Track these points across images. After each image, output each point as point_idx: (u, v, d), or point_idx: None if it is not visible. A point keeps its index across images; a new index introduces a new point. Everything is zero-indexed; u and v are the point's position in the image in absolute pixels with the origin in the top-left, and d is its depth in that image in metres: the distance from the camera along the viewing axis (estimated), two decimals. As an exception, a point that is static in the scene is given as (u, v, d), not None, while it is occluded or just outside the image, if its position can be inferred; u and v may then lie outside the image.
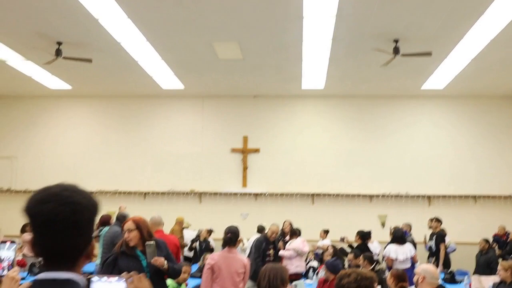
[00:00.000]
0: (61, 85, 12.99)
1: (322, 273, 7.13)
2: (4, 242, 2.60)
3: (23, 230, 11.11)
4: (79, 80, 12.61)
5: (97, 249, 8.20)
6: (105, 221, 8.08)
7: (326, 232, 11.79)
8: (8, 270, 2.51)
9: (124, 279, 1.90)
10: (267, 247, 7.28)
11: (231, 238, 5.79)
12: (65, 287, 1.57)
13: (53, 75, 12.15)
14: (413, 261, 8.51)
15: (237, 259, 5.74)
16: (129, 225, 4.67)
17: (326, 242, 10.87)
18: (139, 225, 4.62)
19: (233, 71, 11.80)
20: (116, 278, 1.88)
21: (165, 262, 4.36)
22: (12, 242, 2.67)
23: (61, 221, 1.58)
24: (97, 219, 6.82)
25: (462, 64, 10.85)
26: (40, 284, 1.60)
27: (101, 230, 7.72)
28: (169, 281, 5.66)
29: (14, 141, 14.09)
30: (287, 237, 9.51)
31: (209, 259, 5.64)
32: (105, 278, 1.85)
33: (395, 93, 13.44)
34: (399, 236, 8.59)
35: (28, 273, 8.54)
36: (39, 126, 14.16)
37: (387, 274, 5.39)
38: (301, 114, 14.03)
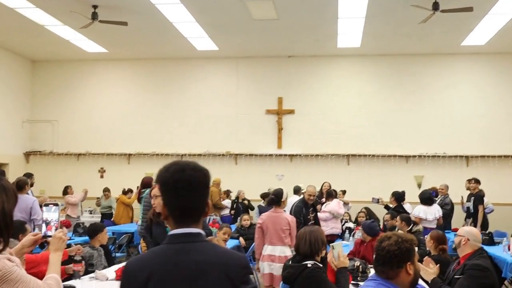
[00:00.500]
0: (97, 49, 13.14)
1: (358, 234, 7.17)
2: (47, 204, 2.69)
3: (65, 193, 11.48)
4: (115, 43, 12.72)
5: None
6: (147, 183, 8.19)
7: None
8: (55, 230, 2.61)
9: None
10: (307, 212, 7.22)
11: (274, 199, 6.28)
12: (197, 239, 1.90)
13: (89, 39, 12.29)
14: (438, 223, 8.70)
15: (282, 217, 6.19)
16: (154, 191, 4.67)
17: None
18: None
19: (268, 31, 11.68)
20: None
21: None
22: (56, 204, 2.76)
23: (197, 184, 1.94)
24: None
25: (505, 19, 10.44)
26: (177, 237, 1.90)
27: (142, 193, 7.88)
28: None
29: (55, 105, 14.43)
30: (323, 199, 9.54)
31: (259, 219, 6.18)
32: None
33: (434, 50, 13.08)
34: (427, 198, 8.82)
35: (73, 233, 8.84)
36: (77, 90, 14.43)
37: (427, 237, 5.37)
38: (336, 74, 13.85)
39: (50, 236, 2.63)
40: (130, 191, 12.27)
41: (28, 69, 14.45)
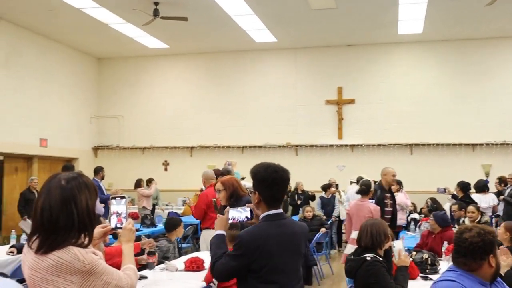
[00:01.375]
0: (159, 44, 13.47)
1: (425, 225, 7.01)
2: (115, 197, 2.78)
3: (137, 185, 11.81)
4: (176, 38, 12.99)
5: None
6: (218, 175, 8.32)
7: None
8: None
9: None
10: (383, 195, 7.04)
11: (364, 189, 6.74)
12: (284, 216, 2.93)
13: (151, 35, 12.61)
14: (494, 210, 8.93)
15: (366, 206, 6.60)
16: (217, 186, 4.98)
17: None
18: (226, 185, 4.82)
19: (326, 21, 11.57)
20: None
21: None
22: (123, 197, 2.84)
23: (286, 181, 2.94)
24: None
25: None
26: (273, 216, 2.84)
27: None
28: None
29: (120, 101, 14.92)
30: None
31: (348, 207, 6.71)
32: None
33: (500, 34, 12.52)
34: (482, 186, 9.22)
35: (141, 225, 9.14)
36: (141, 85, 14.85)
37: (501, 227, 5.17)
38: (397, 61, 13.54)
39: (120, 228, 2.73)
40: None
41: (94, 66, 15.01)
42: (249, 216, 3.00)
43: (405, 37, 12.83)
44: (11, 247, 6.01)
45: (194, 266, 4.77)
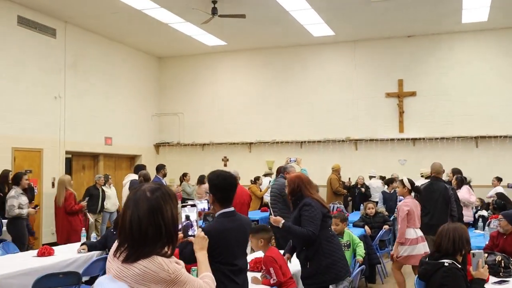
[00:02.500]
0: (217, 42, 13.61)
1: (494, 223, 6.74)
2: (184, 206, 2.82)
3: (201, 182, 11.95)
4: (234, 35, 13.08)
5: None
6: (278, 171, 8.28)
7: (499, 179, 11.04)
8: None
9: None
10: None
11: (418, 187, 6.77)
12: (233, 213, 3.52)
13: (209, 33, 12.76)
14: None
15: (417, 203, 6.60)
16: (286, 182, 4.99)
17: (499, 189, 10.22)
18: (289, 182, 4.71)
19: (386, 12, 11.32)
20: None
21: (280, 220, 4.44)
22: (193, 205, 2.88)
23: (233, 185, 3.56)
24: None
25: None
26: (226, 214, 3.48)
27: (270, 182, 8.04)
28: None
29: (180, 99, 15.22)
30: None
31: (404, 205, 6.38)
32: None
33: None
34: None
35: (203, 222, 9.26)
36: (200, 83, 15.08)
37: None
38: (460, 51, 13.06)
39: (193, 236, 2.77)
40: (257, 178, 12.62)
41: (155, 66, 15.37)
42: (206, 208, 3.60)
43: (469, 26, 12.36)
44: (82, 244, 6.26)
45: (259, 266, 4.80)
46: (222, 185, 3.45)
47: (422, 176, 10.20)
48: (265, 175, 12.77)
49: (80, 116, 12.25)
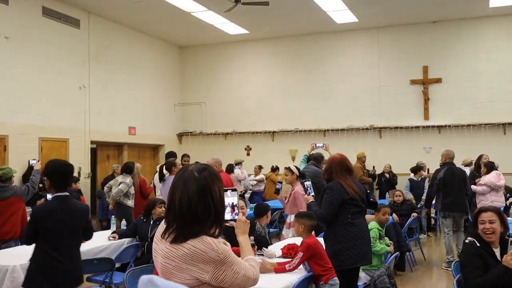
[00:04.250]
0: (239, 30, 13.55)
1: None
2: (226, 189, 2.81)
3: (230, 171, 11.84)
4: (256, 23, 13.00)
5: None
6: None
7: None
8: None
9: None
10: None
11: (304, 173, 6.96)
12: (67, 197, 4.03)
13: (231, 21, 12.70)
14: None
15: None
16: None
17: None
18: (327, 164, 4.71)
19: (411, -2, 11.14)
20: None
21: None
22: (234, 189, 2.86)
23: (68, 172, 4.18)
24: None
25: None
26: (60, 197, 3.98)
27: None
28: (372, 224, 5.76)
29: (202, 88, 15.22)
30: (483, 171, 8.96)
31: (301, 191, 6.43)
32: None
33: None
34: None
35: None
36: (223, 72, 15.04)
37: None
38: (488, 36, 12.80)
39: (234, 220, 2.75)
40: (278, 168, 12.61)
41: (177, 55, 15.38)
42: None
43: (497, 10, 12.09)
44: (113, 232, 6.30)
45: (292, 252, 4.77)
46: (56, 172, 3.95)
47: (462, 164, 10.26)
48: (236, 163, 12.54)
49: (104, 106, 12.33)
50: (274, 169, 12.70)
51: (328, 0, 11.19)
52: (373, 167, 12.91)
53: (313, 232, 4.63)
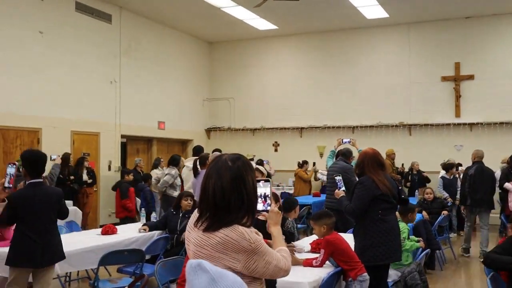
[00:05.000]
0: (268, 26, 13.54)
1: None
2: (258, 180, 2.81)
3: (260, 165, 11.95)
4: (285, 19, 12.97)
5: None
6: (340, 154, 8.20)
7: None
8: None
9: None
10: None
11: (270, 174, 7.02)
12: (41, 183, 4.49)
13: (261, 17, 12.70)
14: None
15: None
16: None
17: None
18: (360, 157, 4.69)
19: (444, -7, 10.95)
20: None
21: None
22: (267, 180, 2.85)
23: (40, 161, 4.54)
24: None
25: None
26: (34, 183, 4.40)
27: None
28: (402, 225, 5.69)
29: (231, 84, 15.26)
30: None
31: None
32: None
33: None
34: None
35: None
36: (251, 68, 15.06)
37: None
38: (522, 32, 12.52)
39: (266, 211, 2.75)
40: (305, 162, 12.59)
41: (206, 50, 15.46)
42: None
43: (533, 5, 11.81)
44: (143, 225, 6.38)
45: (320, 248, 4.74)
46: (31, 161, 4.36)
47: (502, 162, 10.22)
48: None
49: (135, 101, 12.48)
50: (301, 165, 12.66)
51: (358, -5, 11.11)
52: (402, 164, 12.76)
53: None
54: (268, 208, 2.55)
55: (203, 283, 1.37)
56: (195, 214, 2.24)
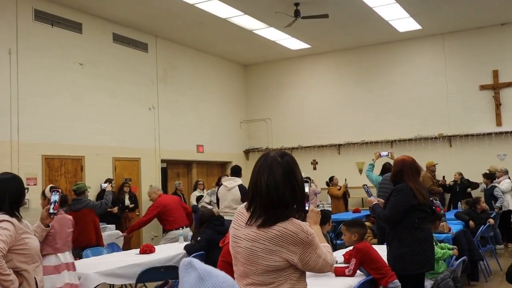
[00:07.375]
0: (301, 45, 13.68)
1: None
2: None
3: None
4: (317, 37, 13.08)
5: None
6: (387, 169, 8.13)
7: None
8: None
9: None
10: None
11: None
12: None
13: (293, 37, 12.85)
14: None
15: None
16: None
17: None
18: (394, 164, 4.66)
19: (476, 0, 10.82)
20: None
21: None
22: (306, 181, 2.90)
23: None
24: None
25: None
26: None
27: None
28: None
29: (267, 104, 15.42)
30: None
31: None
32: None
33: None
34: None
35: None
36: (286, 88, 15.19)
37: None
38: (562, 36, 12.19)
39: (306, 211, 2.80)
40: (332, 178, 12.64)
41: (241, 73, 15.72)
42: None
43: None
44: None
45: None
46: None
47: None
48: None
49: (173, 126, 12.78)
50: (328, 184, 12.58)
51: (389, 8, 11.10)
52: (443, 177, 12.49)
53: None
54: (307, 208, 2.61)
55: (191, 280, 1.45)
56: (241, 213, 2.29)
